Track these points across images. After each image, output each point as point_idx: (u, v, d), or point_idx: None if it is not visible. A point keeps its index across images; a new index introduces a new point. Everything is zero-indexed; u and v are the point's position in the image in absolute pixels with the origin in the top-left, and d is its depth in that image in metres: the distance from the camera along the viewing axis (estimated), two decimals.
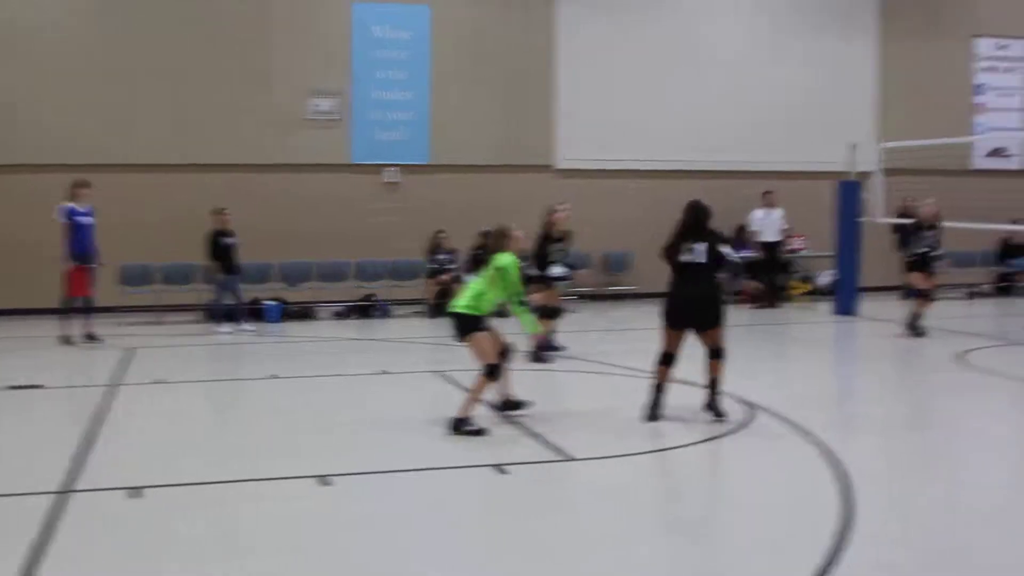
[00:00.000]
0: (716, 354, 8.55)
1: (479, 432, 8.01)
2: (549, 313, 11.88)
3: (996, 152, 21.33)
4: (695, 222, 8.68)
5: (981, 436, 8.43)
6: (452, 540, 5.70)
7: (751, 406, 9.09)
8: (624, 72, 18.76)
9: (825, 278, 18.95)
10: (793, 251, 18.89)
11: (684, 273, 8.56)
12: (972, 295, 19.55)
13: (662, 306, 8.66)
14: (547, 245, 12.15)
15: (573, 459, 7.38)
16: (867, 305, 16.72)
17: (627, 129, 18.71)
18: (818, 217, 18.12)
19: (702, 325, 8.52)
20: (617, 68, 18.76)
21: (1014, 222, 18.26)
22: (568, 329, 13.29)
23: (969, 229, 16.44)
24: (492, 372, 8.23)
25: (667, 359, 8.59)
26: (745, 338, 14.73)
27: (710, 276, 8.55)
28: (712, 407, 8.56)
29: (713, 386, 8.59)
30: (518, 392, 8.78)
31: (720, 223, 18.24)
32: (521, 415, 8.62)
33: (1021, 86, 21.56)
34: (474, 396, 8.25)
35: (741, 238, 18.83)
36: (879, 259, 18.81)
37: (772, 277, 18.13)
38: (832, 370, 12.54)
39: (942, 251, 14.43)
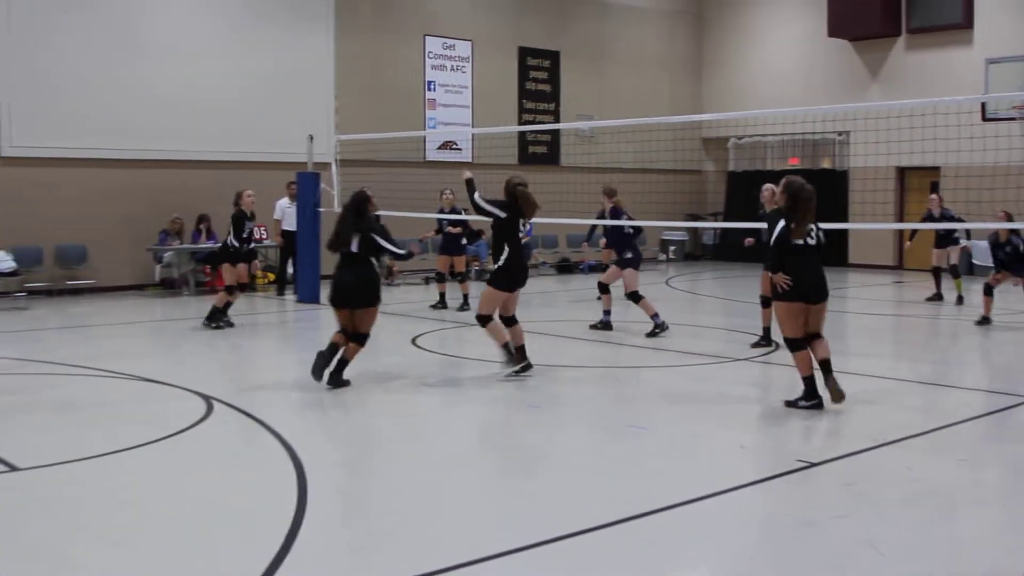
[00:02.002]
0: (357, 339, 9.60)
1: None
2: None
3: (446, 145, 22.69)
4: (351, 213, 9.67)
5: (435, 415, 8.84)
6: None
7: (208, 399, 8.87)
8: (75, 57, 17.59)
9: (290, 267, 19.12)
10: (258, 240, 18.81)
11: (342, 260, 9.69)
12: (428, 280, 20.66)
13: (329, 291, 9.73)
14: None
15: (16, 469, 6.74)
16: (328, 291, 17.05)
17: (79, 116, 17.60)
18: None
19: (355, 307, 9.55)
20: (69, 53, 17.54)
21: (464, 211, 19.47)
22: (21, 328, 12.26)
23: (422, 219, 17.32)
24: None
25: (342, 332, 9.58)
26: (210, 329, 14.47)
27: (365, 262, 9.58)
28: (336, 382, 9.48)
29: (342, 365, 9.52)
30: None
31: (187, 213, 18.05)
32: None
33: (467, 84, 23.10)
34: None
35: (203, 228, 18.51)
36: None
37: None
38: (291, 358, 12.59)
39: None
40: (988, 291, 14.16)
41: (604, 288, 13.45)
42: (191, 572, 5.02)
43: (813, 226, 8.61)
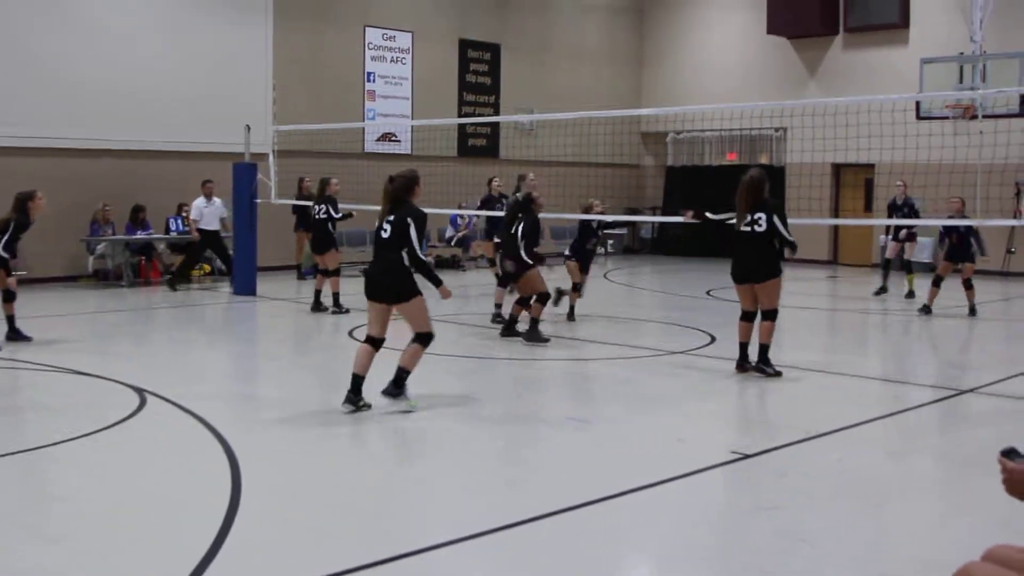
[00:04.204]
0: (417, 339, 8.35)
1: None
2: None
3: (386, 137, 22.57)
4: (392, 197, 8.26)
5: (373, 408, 8.80)
6: None
7: (140, 391, 8.74)
8: (1, 41, 17.19)
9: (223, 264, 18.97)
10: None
11: (375, 249, 8.39)
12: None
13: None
14: None
15: None
16: (265, 284, 16.93)
17: (4, 103, 17.08)
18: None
19: (385, 299, 8.21)
20: None
21: None
22: None
23: (364, 210, 17.21)
24: None
25: (369, 341, 8.31)
26: (146, 321, 14.29)
27: (395, 252, 8.12)
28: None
29: (400, 375, 8.30)
30: None
31: (122, 204, 17.78)
32: None
33: (407, 75, 23.00)
34: None
35: (138, 219, 18.25)
36: (276, 239, 19.21)
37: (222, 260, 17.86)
38: (230, 350, 12.47)
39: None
40: (937, 282, 14.66)
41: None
42: (125, 566, 4.93)
43: (752, 216, 9.85)
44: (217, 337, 13.52)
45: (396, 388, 8.22)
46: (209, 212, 17.63)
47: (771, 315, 9.89)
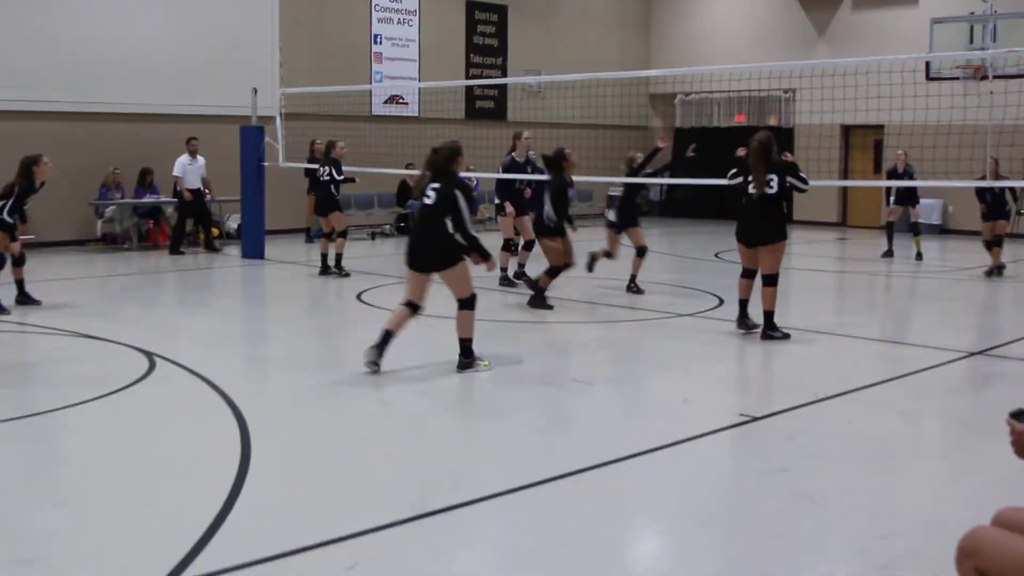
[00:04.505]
0: (460, 305, 8.37)
1: None
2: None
3: (393, 99, 22.48)
4: (434, 165, 8.27)
5: (381, 372, 8.82)
6: None
7: (150, 355, 8.77)
8: (10, 6, 17.08)
9: (234, 222, 18.97)
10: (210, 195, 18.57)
11: (419, 217, 8.45)
12: (374, 235, 20.53)
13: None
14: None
15: None
16: (274, 248, 16.94)
17: (14, 68, 16.97)
18: (224, 162, 17.98)
19: (428, 267, 8.25)
20: (2, 2, 17.07)
21: (408, 166, 19.39)
22: None
23: (371, 173, 17.21)
24: None
25: (408, 305, 8.34)
26: (155, 285, 14.32)
27: (439, 220, 8.11)
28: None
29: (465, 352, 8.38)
30: None
31: (129, 168, 17.77)
32: None
33: (414, 38, 22.87)
34: None
35: (145, 182, 18.28)
36: (284, 202, 19.20)
37: (201, 223, 17.78)
38: (239, 313, 12.50)
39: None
40: (996, 242, 14.96)
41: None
42: (134, 529, 4.97)
43: (768, 177, 9.75)
44: (226, 301, 13.54)
45: (466, 358, 8.34)
46: (192, 170, 17.57)
47: (772, 280, 9.82)
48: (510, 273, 13.54)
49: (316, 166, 15.43)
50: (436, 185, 8.18)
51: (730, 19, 26.22)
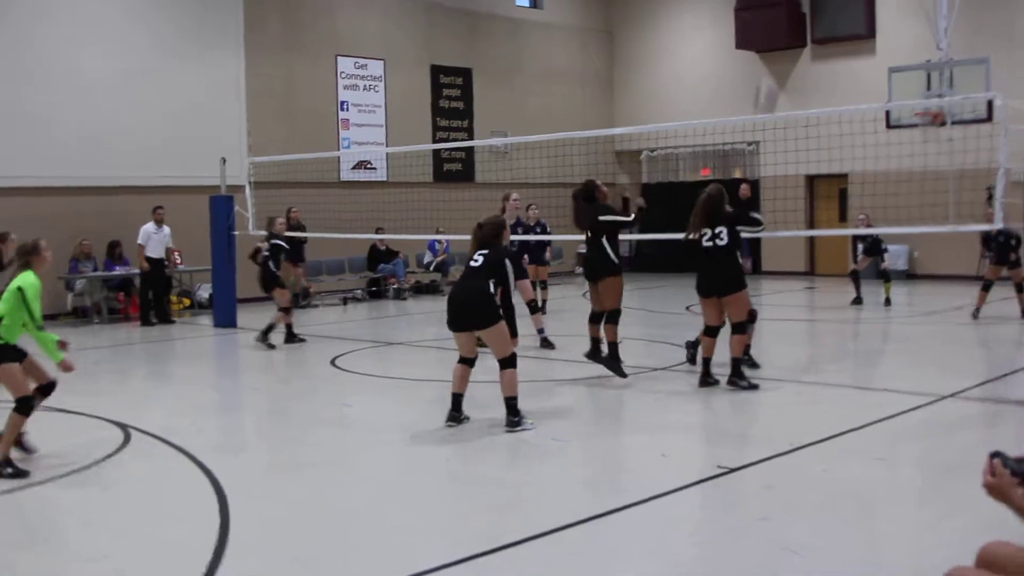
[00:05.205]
0: (501, 364, 8.59)
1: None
2: None
3: (361, 164, 22.60)
4: (480, 239, 8.69)
5: (360, 434, 8.79)
6: None
7: (124, 427, 8.71)
8: None
9: (204, 292, 18.94)
10: (173, 266, 18.54)
11: (462, 278, 8.74)
12: (346, 301, 20.52)
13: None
14: None
15: None
16: (246, 316, 16.89)
17: None
18: (194, 231, 17.99)
19: (468, 327, 8.56)
20: None
21: (378, 231, 19.48)
22: None
23: (340, 238, 17.26)
24: (23, 407, 7.34)
25: (463, 361, 8.67)
26: (126, 356, 14.24)
27: (483, 280, 8.42)
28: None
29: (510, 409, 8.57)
30: None
31: (99, 240, 17.71)
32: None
33: (380, 103, 23.05)
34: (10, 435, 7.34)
35: (115, 254, 18.25)
36: (255, 271, 19.15)
37: (158, 293, 17.71)
38: (213, 382, 12.44)
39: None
40: (986, 287, 15.09)
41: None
42: None
43: (710, 230, 9.97)
44: (198, 371, 13.45)
45: (513, 417, 8.45)
46: (157, 239, 17.57)
47: (740, 328, 9.96)
48: (547, 332, 13.44)
49: (290, 235, 15.41)
50: (485, 251, 8.58)
51: (692, 75, 26.59)
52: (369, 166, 22.70)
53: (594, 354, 10.81)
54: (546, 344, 13.15)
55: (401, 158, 22.36)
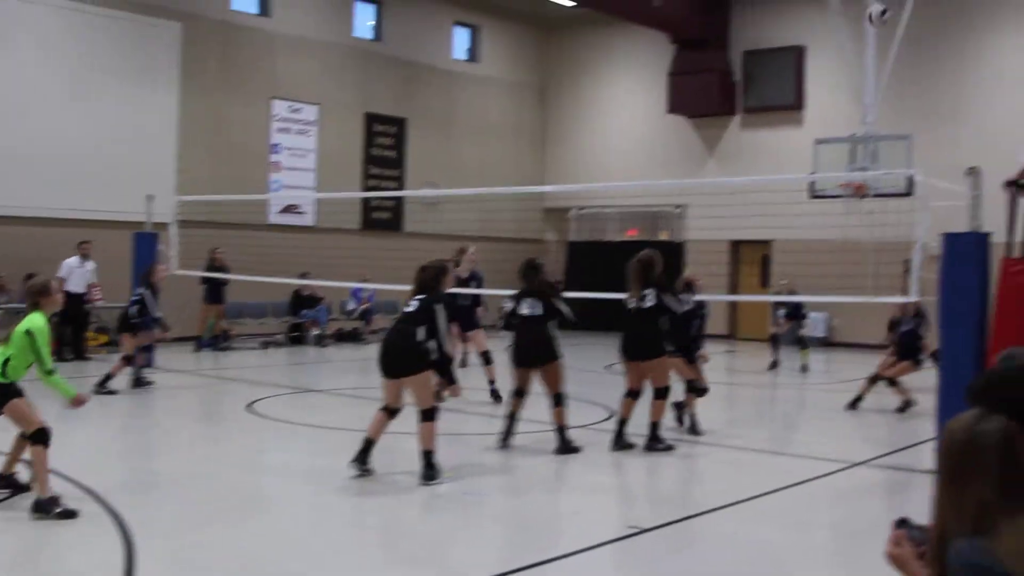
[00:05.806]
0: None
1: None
2: None
3: (289, 208, 22.48)
4: (421, 283, 8.60)
5: (273, 481, 8.66)
6: None
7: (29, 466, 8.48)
8: None
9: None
10: (91, 301, 18.19)
11: (395, 323, 8.80)
12: (267, 345, 20.29)
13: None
14: None
15: None
16: (164, 357, 16.61)
17: None
18: (116, 267, 17.70)
19: (395, 373, 8.43)
20: None
21: (303, 275, 19.35)
22: None
23: (265, 282, 17.10)
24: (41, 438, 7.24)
25: (385, 410, 8.54)
26: (37, 395, 13.88)
27: (414, 326, 8.33)
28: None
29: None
30: None
31: (16, 272, 17.34)
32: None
33: (312, 148, 23.01)
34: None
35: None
36: (177, 310, 18.87)
37: (75, 329, 17.35)
38: (126, 425, 12.18)
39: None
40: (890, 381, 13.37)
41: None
42: None
43: (644, 292, 9.92)
44: (110, 410, 13.17)
45: (429, 470, 8.31)
46: (80, 273, 17.27)
47: (662, 393, 9.93)
48: (497, 385, 13.19)
49: (215, 275, 15.25)
50: (421, 296, 8.49)
51: (624, 136, 26.94)
52: (298, 210, 22.58)
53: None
54: (495, 397, 13.05)
55: (330, 204, 22.31)
